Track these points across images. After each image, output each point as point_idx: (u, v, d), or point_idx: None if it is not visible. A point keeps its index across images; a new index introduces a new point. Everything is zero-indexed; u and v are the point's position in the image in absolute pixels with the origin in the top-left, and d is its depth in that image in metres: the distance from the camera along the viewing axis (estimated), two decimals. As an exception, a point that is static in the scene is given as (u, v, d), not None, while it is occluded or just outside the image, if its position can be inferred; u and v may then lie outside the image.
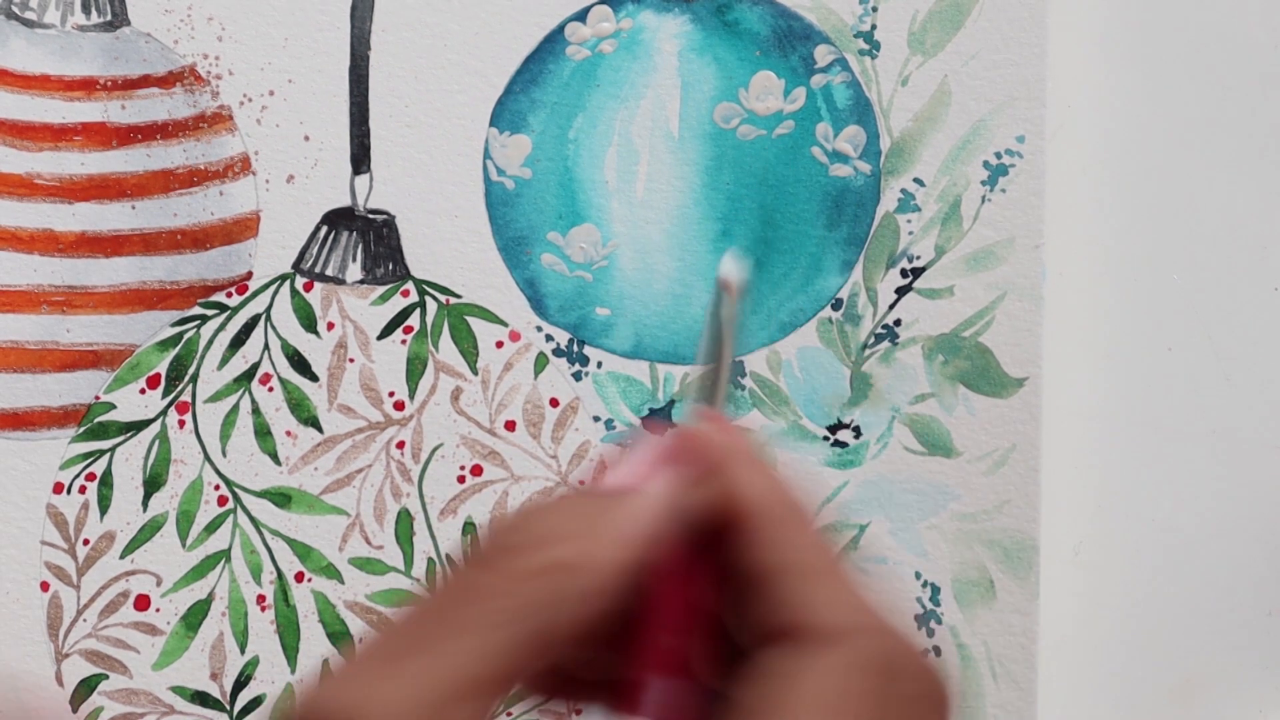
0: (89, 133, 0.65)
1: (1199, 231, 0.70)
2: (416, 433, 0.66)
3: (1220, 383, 0.70)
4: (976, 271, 0.68)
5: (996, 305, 0.67)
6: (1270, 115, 0.70)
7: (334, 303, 0.66)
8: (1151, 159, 0.70)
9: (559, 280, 0.67)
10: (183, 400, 0.66)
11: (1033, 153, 0.67)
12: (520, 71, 0.67)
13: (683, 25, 0.67)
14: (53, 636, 0.65)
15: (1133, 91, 0.70)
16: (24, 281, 0.65)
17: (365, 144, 0.66)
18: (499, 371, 0.67)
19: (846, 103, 0.67)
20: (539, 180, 0.67)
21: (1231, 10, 0.70)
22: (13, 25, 0.65)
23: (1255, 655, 0.70)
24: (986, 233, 0.68)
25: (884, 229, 0.68)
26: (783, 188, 0.67)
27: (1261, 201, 0.70)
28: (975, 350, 0.67)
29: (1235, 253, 0.70)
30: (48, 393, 0.65)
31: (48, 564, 0.65)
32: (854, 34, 0.67)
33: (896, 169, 0.68)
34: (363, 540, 0.66)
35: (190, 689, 0.66)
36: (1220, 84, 0.70)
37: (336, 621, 0.66)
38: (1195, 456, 0.70)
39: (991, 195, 0.68)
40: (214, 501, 0.66)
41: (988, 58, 0.68)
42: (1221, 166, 0.70)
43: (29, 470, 0.65)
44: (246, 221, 0.66)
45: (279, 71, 0.66)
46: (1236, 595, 0.70)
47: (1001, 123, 0.67)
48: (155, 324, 0.66)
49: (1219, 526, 0.70)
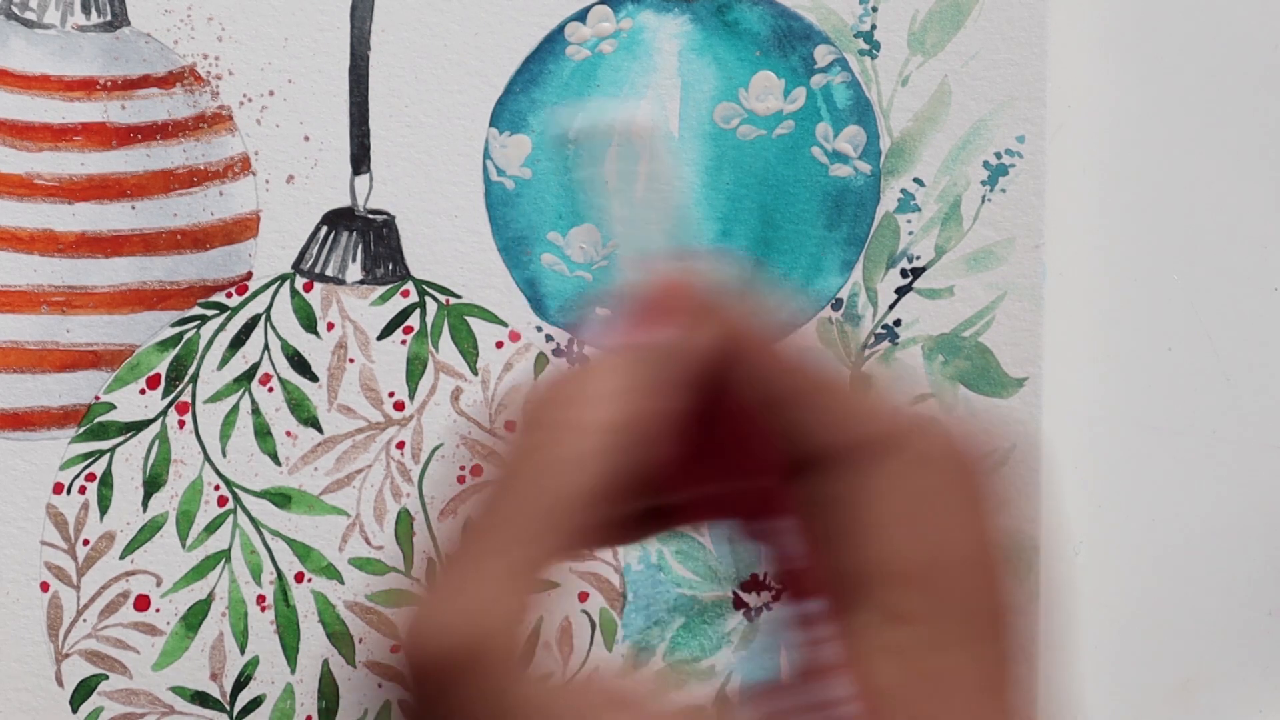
0: (89, 133, 0.65)
1: (1199, 231, 0.70)
2: (416, 433, 0.66)
3: (1220, 383, 0.70)
4: (976, 272, 0.68)
5: (996, 305, 0.67)
6: (1270, 115, 0.70)
7: (334, 303, 0.66)
8: (1151, 159, 0.70)
9: (559, 280, 0.67)
10: (183, 400, 0.66)
11: (1033, 153, 0.68)
12: (520, 71, 0.67)
13: (682, 25, 0.67)
14: (52, 637, 0.65)
15: (1133, 92, 0.70)
16: (24, 282, 0.65)
17: (365, 144, 0.66)
18: (499, 372, 0.67)
19: (846, 103, 0.67)
20: (539, 180, 0.67)
21: (1231, 10, 0.70)
22: (12, 25, 0.65)
23: (1255, 655, 0.70)
24: (986, 233, 0.68)
25: (884, 229, 0.68)
26: (783, 188, 0.67)
27: (1261, 201, 0.70)
28: (975, 350, 0.67)
29: (1235, 253, 0.70)
30: (48, 393, 0.65)
31: (48, 564, 0.65)
32: (854, 34, 0.67)
33: (896, 169, 0.68)
34: (363, 540, 0.66)
35: (190, 689, 0.66)
36: (1220, 84, 0.70)
37: (336, 622, 0.66)
38: (1195, 456, 0.70)
39: (991, 195, 0.68)
40: (214, 502, 0.66)
41: (988, 58, 0.68)
42: (1221, 166, 0.70)
43: (29, 470, 0.65)
44: (246, 222, 0.66)
45: (279, 71, 0.66)
46: (1236, 595, 0.70)
47: (1001, 123, 0.67)
48: (155, 324, 0.66)
49: (1219, 526, 0.70)
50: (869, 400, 0.47)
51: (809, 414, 0.46)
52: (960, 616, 0.44)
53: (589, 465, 0.46)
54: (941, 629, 0.44)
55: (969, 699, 0.44)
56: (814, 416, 0.46)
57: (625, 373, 0.48)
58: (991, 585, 0.46)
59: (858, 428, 0.46)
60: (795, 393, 0.47)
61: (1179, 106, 0.70)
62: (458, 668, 0.44)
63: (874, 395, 0.48)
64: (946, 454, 0.47)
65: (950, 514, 0.46)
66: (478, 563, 0.45)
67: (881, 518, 0.45)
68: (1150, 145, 0.70)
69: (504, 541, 0.45)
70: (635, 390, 0.47)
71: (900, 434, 0.46)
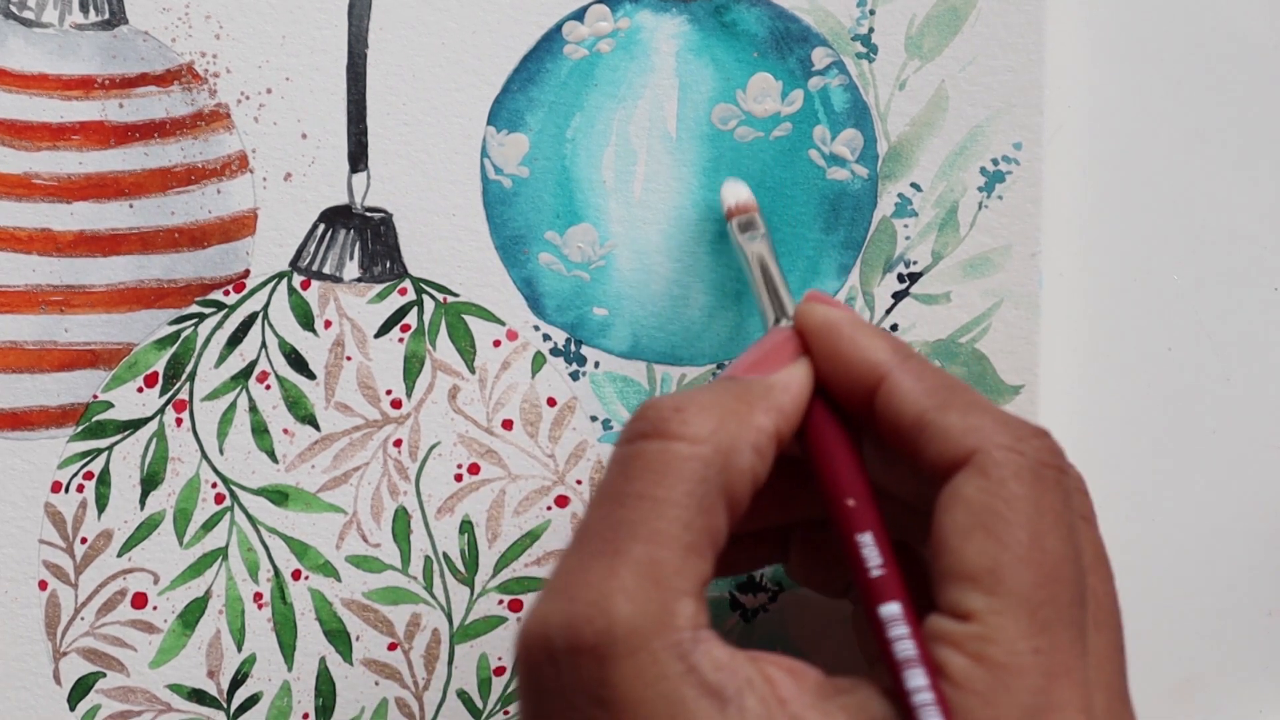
0: (87, 132, 0.65)
1: (1198, 233, 0.70)
2: (414, 431, 0.66)
3: (1220, 383, 0.69)
4: (973, 278, 0.67)
5: (993, 313, 0.67)
6: (1270, 115, 0.70)
7: (331, 301, 0.66)
8: (1149, 166, 0.69)
9: (556, 279, 0.67)
10: (180, 398, 0.66)
11: (1030, 160, 0.67)
12: (518, 70, 0.67)
13: (680, 26, 0.67)
14: (50, 635, 0.66)
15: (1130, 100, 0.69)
16: (22, 282, 0.65)
17: (363, 142, 0.66)
18: (496, 370, 0.67)
19: (844, 106, 0.67)
20: (536, 179, 0.67)
21: (1231, 15, 0.69)
22: (10, 24, 0.65)
23: (1255, 655, 0.70)
24: (983, 239, 0.67)
25: (881, 233, 0.67)
26: (780, 190, 0.67)
27: (1261, 201, 0.70)
28: (971, 357, 0.67)
29: (1235, 253, 0.70)
30: (46, 392, 0.65)
31: (45, 563, 0.66)
32: (851, 37, 0.67)
33: (894, 173, 0.67)
34: (360, 538, 0.66)
35: (187, 686, 0.66)
36: (1219, 86, 0.69)
37: (333, 619, 0.66)
38: (1195, 456, 0.69)
39: (988, 202, 0.67)
40: (211, 499, 0.66)
41: (985, 64, 0.67)
42: (1221, 167, 0.69)
43: (27, 470, 0.65)
44: (244, 219, 0.66)
45: (277, 69, 0.66)
46: (1236, 595, 0.70)
47: (999, 129, 0.67)
48: (153, 323, 0.66)
49: (1219, 526, 0.69)
50: (991, 411, 0.50)
51: (944, 428, 0.50)
52: (1023, 616, 0.49)
53: (703, 474, 0.51)
54: (1007, 624, 0.49)
55: (1040, 687, 0.48)
56: (948, 430, 0.50)
57: (739, 397, 0.52)
58: (1066, 588, 0.50)
59: (982, 438, 0.50)
60: (934, 410, 0.53)
61: (1177, 113, 0.69)
62: (567, 655, 0.48)
63: (991, 407, 0.53)
64: (1039, 466, 0.51)
65: (1033, 523, 0.50)
66: (616, 553, 0.49)
67: (962, 524, 0.50)
68: (1148, 152, 0.69)
69: (619, 541, 0.49)
70: (744, 412, 0.51)
71: (1018, 442, 0.50)
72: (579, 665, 0.48)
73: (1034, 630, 0.49)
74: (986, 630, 0.49)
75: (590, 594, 0.49)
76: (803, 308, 0.56)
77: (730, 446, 0.52)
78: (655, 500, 0.50)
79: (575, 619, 0.48)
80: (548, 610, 0.49)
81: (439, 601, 0.66)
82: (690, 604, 0.49)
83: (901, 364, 0.53)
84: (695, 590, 0.50)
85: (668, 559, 0.49)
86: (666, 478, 0.51)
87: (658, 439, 0.51)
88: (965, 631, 0.49)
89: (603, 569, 0.49)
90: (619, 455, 0.52)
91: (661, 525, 0.50)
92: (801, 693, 0.49)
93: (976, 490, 0.51)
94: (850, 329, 0.54)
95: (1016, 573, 0.49)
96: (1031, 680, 0.48)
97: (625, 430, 0.53)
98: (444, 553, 0.66)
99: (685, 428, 0.51)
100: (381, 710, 0.66)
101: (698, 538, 0.50)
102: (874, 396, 0.53)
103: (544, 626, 0.49)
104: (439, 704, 0.66)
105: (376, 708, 0.66)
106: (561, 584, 0.50)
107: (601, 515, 0.51)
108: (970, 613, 0.49)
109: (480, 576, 0.66)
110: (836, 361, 0.54)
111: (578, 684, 0.48)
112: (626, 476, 0.51)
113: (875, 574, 0.51)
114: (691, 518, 0.50)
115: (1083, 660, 0.50)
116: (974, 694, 0.48)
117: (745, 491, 0.52)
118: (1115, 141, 0.69)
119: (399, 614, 0.66)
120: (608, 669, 0.48)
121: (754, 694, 0.48)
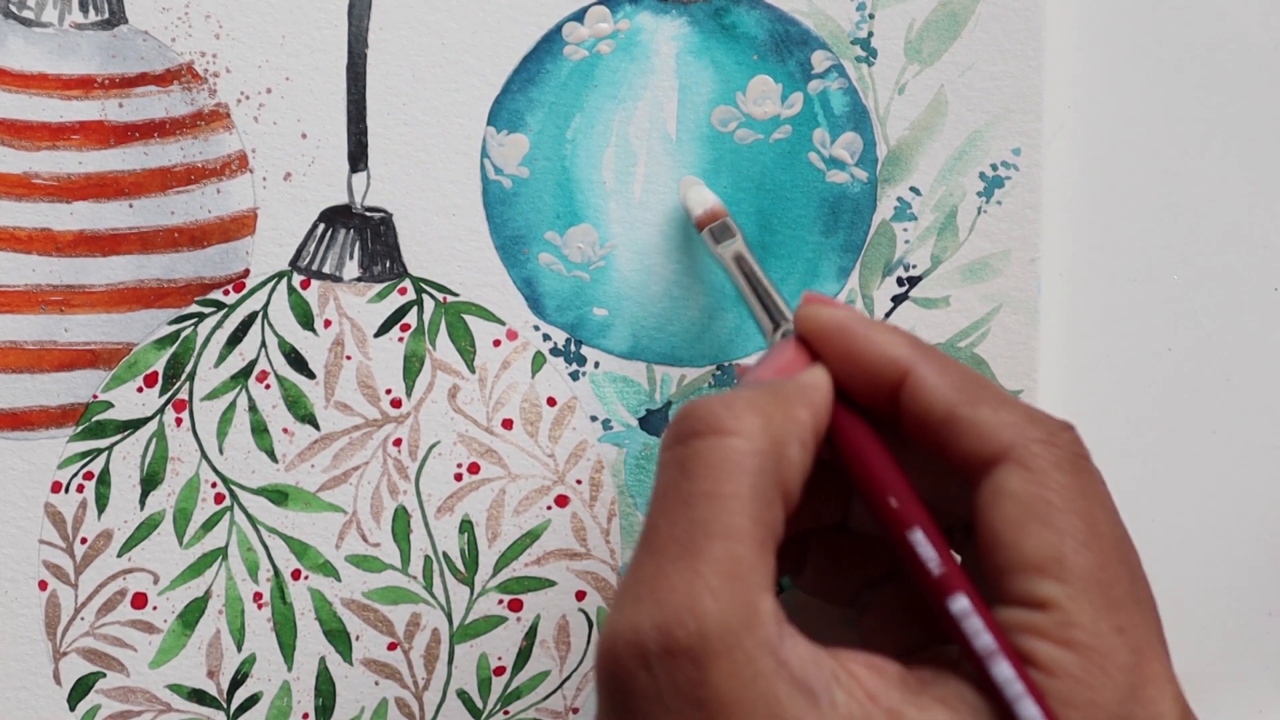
0: (86, 131, 0.65)
1: (1198, 234, 0.69)
2: (414, 430, 0.66)
3: (1220, 383, 0.69)
4: (972, 283, 0.67)
5: (991, 317, 0.67)
6: (1269, 116, 0.69)
7: (331, 300, 0.66)
8: (1148, 171, 0.69)
9: (556, 280, 0.67)
10: (180, 398, 0.66)
11: (1029, 166, 0.67)
12: (518, 71, 0.67)
13: (680, 27, 0.67)
14: (50, 635, 0.66)
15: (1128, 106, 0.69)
16: (22, 282, 0.65)
17: (363, 142, 0.66)
18: (496, 370, 0.67)
19: (843, 109, 0.67)
20: (536, 179, 0.67)
21: (1228, 22, 0.69)
22: (10, 24, 0.65)
23: (1255, 655, 0.70)
24: (982, 244, 0.67)
25: (880, 237, 0.67)
26: (780, 193, 0.67)
27: (1261, 201, 0.69)
28: (970, 361, 0.67)
29: (1235, 253, 0.70)
30: (46, 392, 0.66)
31: (46, 563, 0.66)
32: (851, 40, 0.67)
33: (893, 177, 0.67)
34: (359, 538, 0.66)
35: (187, 686, 0.66)
36: (1218, 89, 0.69)
37: (333, 619, 0.66)
38: (1195, 456, 0.69)
39: (987, 207, 0.67)
40: (211, 499, 0.66)
41: (984, 69, 0.67)
42: (1220, 169, 0.69)
43: (27, 470, 0.66)
44: (244, 219, 0.66)
45: (276, 69, 0.66)
46: (1236, 595, 0.70)
47: (998, 134, 0.67)
48: (153, 322, 0.66)
49: (1219, 526, 0.69)
50: (1018, 406, 0.51)
51: (971, 425, 0.50)
52: (1097, 598, 0.50)
53: (761, 467, 0.51)
54: (1085, 608, 0.49)
55: (1131, 664, 0.49)
56: (975, 427, 0.50)
57: (776, 394, 0.52)
58: (1126, 568, 0.51)
59: (1008, 433, 0.50)
60: (961, 406, 0.53)
61: (1175, 116, 0.69)
62: (662, 659, 0.48)
63: (1015, 401, 0.53)
64: (1075, 457, 0.52)
65: (1084, 509, 0.51)
66: (673, 563, 0.49)
67: (1013, 517, 0.51)
68: (1147, 154, 0.69)
69: (695, 541, 0.49)
70: (786, 408, 0.51)
71: (1032, 439, 0.50)
72: (675, 668, 0.48)
73: (1111, 609, 0.49)
74: (1068, 616, 0.49)
75: (678, 597, 0.48)
76: (806, 311, 0.56)
77: (781, 439, 0.51)
78: (723, 497, 0.50)
79: (667, 622, 0.48)
80: (636, 616, 0.49)
81: (439, 601, 0.66)
82: (770, 600, 0.49)
83: (922, 359, 0.53)
84: (772, 586, 0.50)
85: (745, 555, 0.49)
86: (730, 474, 0.50)
87: (712, 436, 0.51)
88: (1046, 619, 0.49)
89: (685, 570, 0.49)
90: (674, 457, 0.51)
91: (735, 521, 0.50)
92: (888, 687, 0.49)
93: (1022, 483, 0.51)
94: (863, 328, 0.54)
95: (1081, 557, 0.50)
96: (1122, 658, 0.49)
97: (672, 431, 0.52)
98: (444, 552, 0.66)
99: (739, 423, 0.51)
100: (381, 710, 0.66)
101: (765, 532, 0.50)
102: (897, 393, 0.53)
103: (636, 633, 0.48)
104: (439, 704, 0.66)
105: (376, 708, 0.66)
106: (645, 590, 0.49)
107: (671, 518, 0.50)
108: (1045, 600, 0.50)
109: (480, 576, 0.66)
110: (854, 361, 0.54)
111: (673, 687, 0.48)
112: (688, 476, 0.51)
113: (937, 570, 0.51)
114: (759, 511, 0.50)
115: (1158, 632, 0.51)
116: (1069, 678, 0.49)
117: (797, 486, 0.52)
118: (1115, 143, 0.69)
119: (399, 614, 0.66)
120: (704, 669, 0.48)
121: (841, 689, 0.49)
